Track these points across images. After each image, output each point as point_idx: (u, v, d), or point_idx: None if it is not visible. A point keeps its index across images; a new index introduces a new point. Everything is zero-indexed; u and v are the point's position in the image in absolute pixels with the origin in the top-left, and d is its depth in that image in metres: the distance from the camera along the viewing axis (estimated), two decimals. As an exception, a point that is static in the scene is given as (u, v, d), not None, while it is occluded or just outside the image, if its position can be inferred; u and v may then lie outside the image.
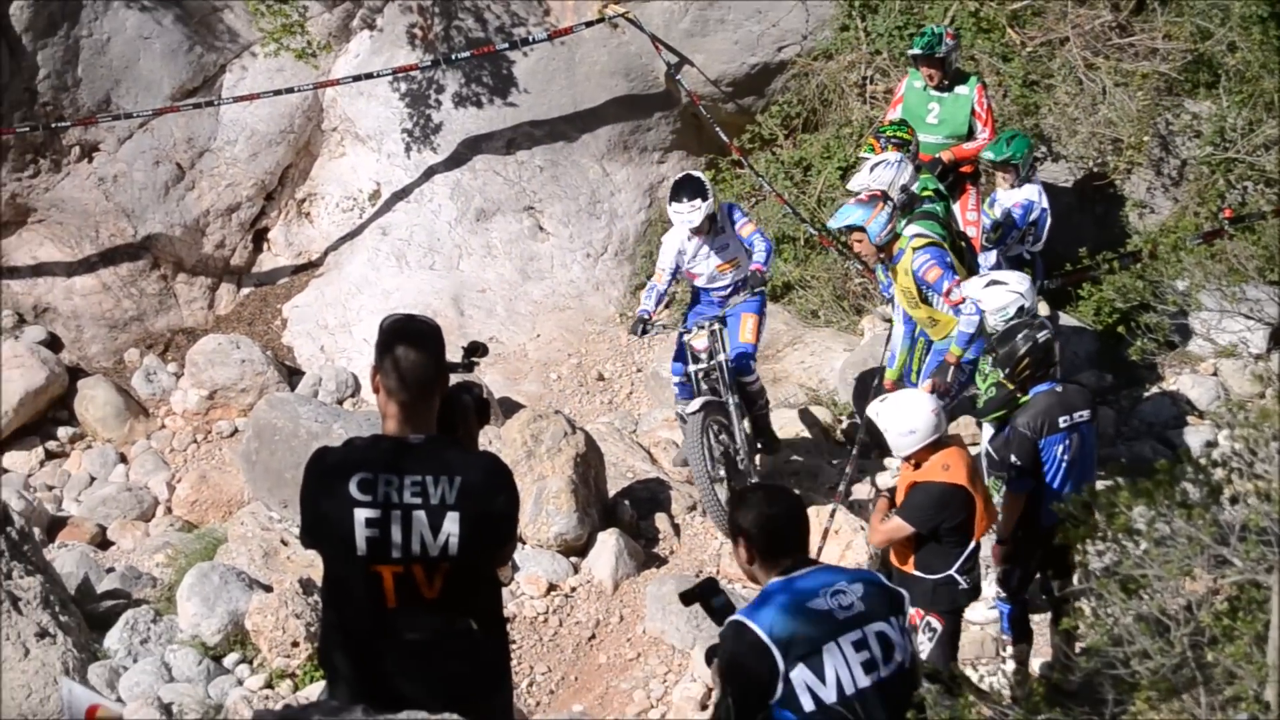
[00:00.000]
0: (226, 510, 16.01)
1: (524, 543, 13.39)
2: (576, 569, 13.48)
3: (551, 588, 13.20)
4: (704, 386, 13.37)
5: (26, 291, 18.54)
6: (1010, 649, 11.55)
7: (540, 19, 18.49)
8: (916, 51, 15.11)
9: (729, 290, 13.69)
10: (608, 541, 13.46)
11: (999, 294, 11.60)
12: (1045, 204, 14.56)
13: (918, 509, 10.04)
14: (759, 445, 14.13)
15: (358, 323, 17.57)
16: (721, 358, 13.14)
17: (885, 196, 12.46)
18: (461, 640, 6.41)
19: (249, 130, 18.89)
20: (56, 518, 16.30)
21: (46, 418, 17.74)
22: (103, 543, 15.90)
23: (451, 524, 6.14)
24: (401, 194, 18.91)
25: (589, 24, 17.96)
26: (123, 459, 17.21)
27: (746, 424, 13.63)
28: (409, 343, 6.30)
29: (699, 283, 13.89)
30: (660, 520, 14.05)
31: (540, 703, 12.32)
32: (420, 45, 18.73)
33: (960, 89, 15.01)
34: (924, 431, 9.96)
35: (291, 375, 17.98)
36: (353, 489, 6.14)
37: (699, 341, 13.20)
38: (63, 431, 17.70)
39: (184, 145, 18.78)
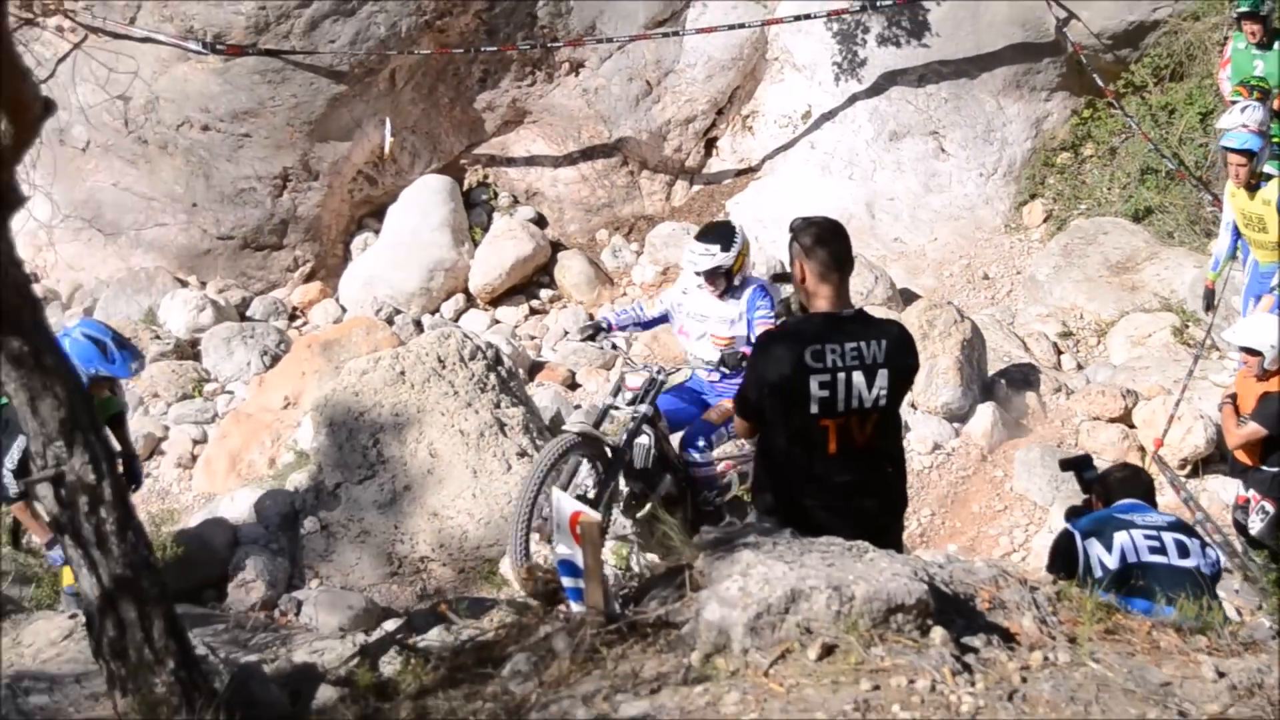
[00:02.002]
0: (674, 362, 16.67)
1: (915, 408, 14.04)
2: (958, 433, 14.07)
3: (936, 446, 13.88)
4: (616, 425, 10.54)
5: (520, 178, 19.69)
6: None
7: (954, -26, 18.60)
8: (1244, 9, 15.20)
9: (713, 370, 10.52)
10: (985, 412, 14.09)
11: None
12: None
13: (1274, 416, 10.40)
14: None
15: (787, 219, 17.57)
16: (644, 409, 10.10)
17: (1265, 134, 12.65)
18: (878, 480, 6.77)
19: (706, 56, 19.44)
20: (536, 362, 17.24)
21: (532, 281, 18.88)
22: (572, 384, 16.79)
23: (882, 379, 6.47)
24: (828, 115, 19.30)
25: (994, -20, 18.02)
26: (590, 318, 17.86)
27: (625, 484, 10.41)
28: (835, 235, 6.64)
29: (685, 344, 10.90)
30: (1030, 398, 14.52)
31: (924, 541, 12.98)
32: (852, -9, 18.99)
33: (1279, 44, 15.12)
34: None
35: (730, 259, 18.62)
36: (807, 359, 6.42)
37: (634, 379, 10.26)
38: (544, 293, 18.84)
39: (653, 66, 19.46)
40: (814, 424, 6.51)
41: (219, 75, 18.20)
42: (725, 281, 10.24)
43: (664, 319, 10.89)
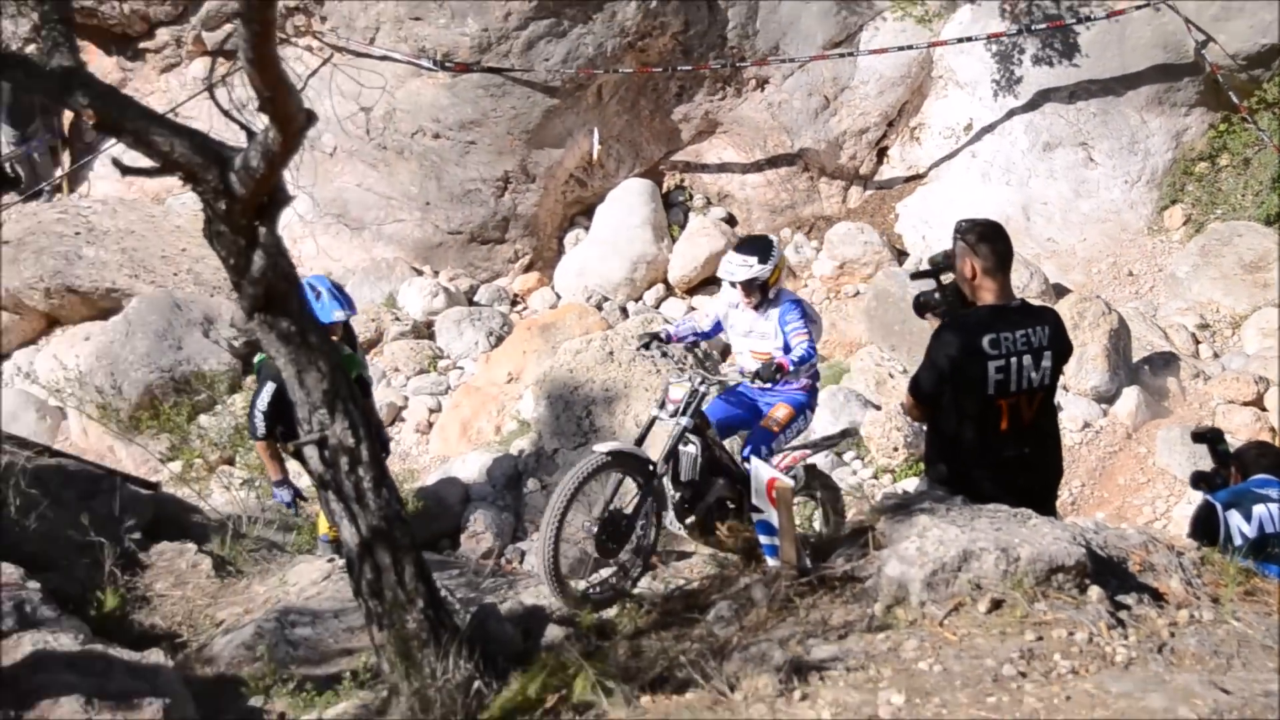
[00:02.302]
0: (849, 349, 16.73)
1: (1067, 390, 14.07)
2: (1105, 413, 14.13)
3: (1086, 424, 13.95)
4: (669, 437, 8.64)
5: (713, 182, 19.83)
6: None
7: (1101, 1, 18.51)
8: None
9: (748, 385, 9.14)
10: (1130, 395, 14.15)
11: None
12: None
13: None
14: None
15: (951, 221, 17.26)
16: (686, 421, 8.43)
17: None
18: (1040, 454, 6.71)
19: (878, 74, 19.47)
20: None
21: (723, 275, 19.08)
22: (756, 363, 16.94)
23: (1046, 361, 6.48)
24: (988, 128, 19.24)
25: (1139, 7, 17.98)
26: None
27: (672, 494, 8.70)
28: (997, 234, 6.64)
29: (736, 359, 9.46)
30: (1171, 383, 14.53)
31: (1075, 509, 13.01)
32: (1008, 17, 19.00)
33: None
34: None
35: (899, 255, 18.64)
36: (985, 346, 6.38)
37: (676, 391, 8.59)
38: (735, 284, 19.04)
39: (830, 83, 19.50)
40: (990, 404, 6.50)
41: (448, 89, 18.60)
42: (761, 294, 9.03)
43: (719, 329, 9.52)
